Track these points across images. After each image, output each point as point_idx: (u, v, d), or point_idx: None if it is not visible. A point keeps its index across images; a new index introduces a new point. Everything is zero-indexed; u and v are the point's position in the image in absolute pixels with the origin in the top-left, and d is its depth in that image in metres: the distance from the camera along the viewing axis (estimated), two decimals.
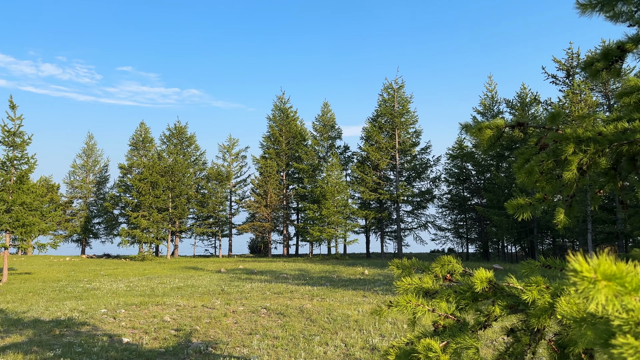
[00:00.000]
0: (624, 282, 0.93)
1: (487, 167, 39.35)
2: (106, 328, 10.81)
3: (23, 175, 25.18)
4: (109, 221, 49.96)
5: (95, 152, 53.71)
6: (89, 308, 13.51)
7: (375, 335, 9.71)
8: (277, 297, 15.28)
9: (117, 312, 12.66)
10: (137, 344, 9.31)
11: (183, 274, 25.16)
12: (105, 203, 47.74)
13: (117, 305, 13.98)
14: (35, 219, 25.34)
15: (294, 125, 48.66)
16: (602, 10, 2.42)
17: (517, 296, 2.24)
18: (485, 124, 2.97)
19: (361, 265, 29.66)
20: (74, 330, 10.63)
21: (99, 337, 9.79)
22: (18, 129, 24.98)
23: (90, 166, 52.81)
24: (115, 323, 11.33)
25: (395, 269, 2.77)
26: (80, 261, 38.20)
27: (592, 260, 0.92)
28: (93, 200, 51.90)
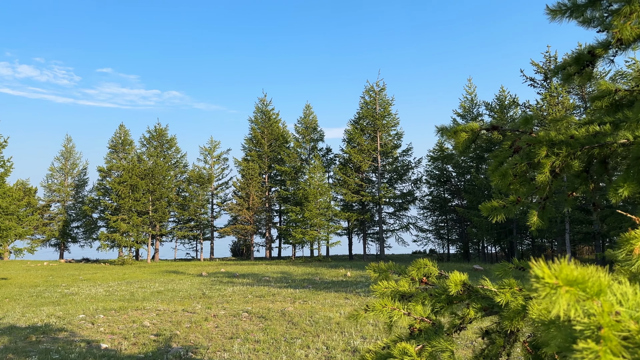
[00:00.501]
0: (585, 287, 0.94)
1: (467, 169, 39.80)
2: (84, 334, 10.63)
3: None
4: (88, 225, 49.16)
5: (74, 154, 52.83)
6: (66, 314, 13.27)
7: (357, 337, 9.72)
8: (259, 301, 15.20)
9: (96, 318, 12.46)
10: (115, 349, 9.17)
11: (164, 278, 24.89)
12: (84, 206, 46.98)
13: (95, 310, 13.75)
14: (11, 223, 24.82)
15: (276, 128, 48.57)
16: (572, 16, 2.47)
17: (491, 298, 2.26)
18: (461, 127, 3.00)
19: (344, 267, 29.71)
20: (51, 336, 10.42)
21: (76, 343, 9.61)
22: None
23: (69, 169, 51.93)
24: (94, 329, 11.14)
25: (372, 272, 2.78)
26: (59, 266, 37.52)
27: (554, 266, 0.93)
28: (71, 203, 51.02)
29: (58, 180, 51.31)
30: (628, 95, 3.04)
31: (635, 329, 0.97)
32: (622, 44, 2.47)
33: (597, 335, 0.91)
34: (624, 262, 1.90)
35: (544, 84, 33.29)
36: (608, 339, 0.90)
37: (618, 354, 0.89)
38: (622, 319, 0.99)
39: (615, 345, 0.90)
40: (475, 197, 35.53)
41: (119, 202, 41.67)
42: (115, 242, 41.91)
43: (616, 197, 2.46)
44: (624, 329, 0.98)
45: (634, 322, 0.99)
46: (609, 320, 0.93)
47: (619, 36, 2.34)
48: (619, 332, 0.96)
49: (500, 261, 3.68)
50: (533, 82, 34.12)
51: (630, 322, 0.98)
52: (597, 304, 0.95)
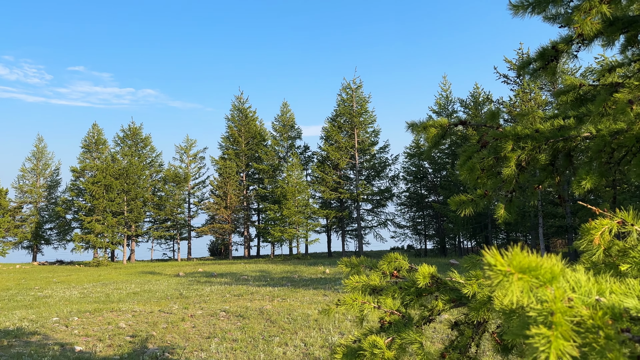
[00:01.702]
0: (538, 275, 0.96)
1: (443, 165, 40.27)
2: (58, 337, 10.42)
3: None
4: (62, 226, 48.11)
5: (46, 155, 51.60)
6: (39, 317, 12.98)
7: (335, 333, 9.76)
8: (237, 300, 15.13)
9: (70, 320, 12.22)
10: (90, 352, 9.01)
11: (140, 279, 24.56)
12: (57, 208, 45.96)
13: (69, 312, 13.49)
14: None
15: (253, 126, 48.30)
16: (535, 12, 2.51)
17: (459, 290, 2.30)
18: (430, 122, 3.04)
19: (322, 264, 29.77)
20: (23, 340, 10.19)
21: (49, 347, 9.42)
22: None
23: (41, 170, 50.71)
24: (68, 331, 10.93)
25: (344, 267, 2.79)
26: (32, 268, 36.67)
27: (507, 254, 0.95)
28: (44, 205, 49.86)
29: (30, 181, 50.07)
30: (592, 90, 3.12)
31: (586, 314, 1.00)
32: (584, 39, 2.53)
33: (549, 321, 0.93)
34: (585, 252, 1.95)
35: (517, 81, 33.87)
36: (559, 324, 0.92)
37: (569, 339, 0.91)
38: (574, 305, 1.02)
39: (566, 330, 0.92)
40: (451, 193, 35.97)
41: (93, 203, 40.91)
42: (89, 244, 41.16)
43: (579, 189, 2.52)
44: (576, 314, 1.01)
45: (585, 307, 1.02)
46: (561, 306, 0.96)
47: (579, 31, 2.39)
48: (571, 318, 0.98)
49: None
50: (506, 79, 34.68)
51: (582, 307, 1.01)
52: (549, 291, 0.98)
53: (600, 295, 1.07)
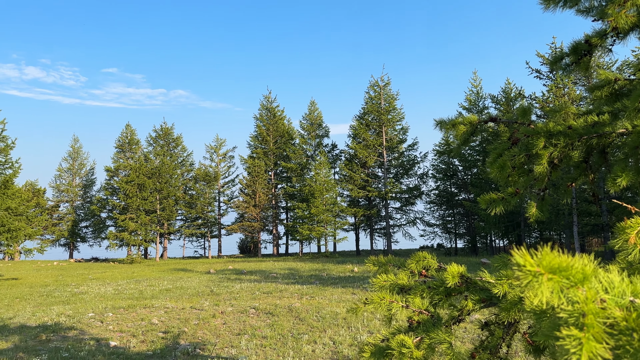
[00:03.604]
0: (569, 275, 0.95)
1: (474, 162, 39.62)
2: (93, 332, 10.73)
3: (7, 180, 24.87)
4: (97, 224, 49.49)
5: (81, 155, 53.16)
6: (76, 312, 13.39)
7: (364, 331, 9.74)
8: (266, 297, 15.26)
9: (105, 316, 12.57)
10: (124, 347, 9.25)
11: (172, 276, 25.04)
12: (92, 206, 47.29)
13: (104, 308, 13.87)
14: (21, 223, 25.04)
15: (281, 125, 48.57)
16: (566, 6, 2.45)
17: (489, 290, 2.27)
18: (459, 119, 3.00)
19: (351, 262, 29.73)
20: (60, 335, 10.53)
21: (86, 342, 9.71)
22: (1, 133, 24.66)
23: (77, 169, 52.27)
24: (103, 327, 11.25)
25: (372, 266, 2.79)
26: (68, 265, 37.84)
27: (536, 254, 0.94)
28: (80, 203, 51.38)
29: (66, 181, 51.68)
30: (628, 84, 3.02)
31: (620, 316, 0.98)
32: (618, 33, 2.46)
33: (580, 323, 0.92)
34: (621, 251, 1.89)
35: (550, 76, 33.03)
36: (591, 326, 0.91)
37: (601, 341, 0.89)
38: (607, 306, 0.99)
39: (598, 331, 0.90)
40: (482, 191, 35.37)
41: (126, 202, 41.91)
42: (123, 241, 42.19)
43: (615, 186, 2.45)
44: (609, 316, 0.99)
45: (619, 309, 0.99)
46: (593, 307, 0.94)
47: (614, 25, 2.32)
48: (604, 319, 0.96)
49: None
50: (539, 74, 33.86)
51: (615, 309, 0.99)
52: (581, 292, 0.96)
53: (634, 296, 1.04)
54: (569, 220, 29.16)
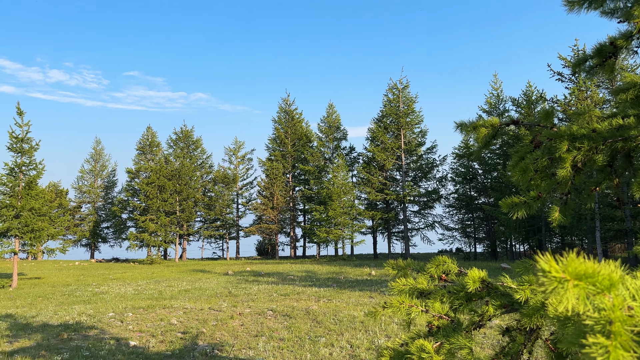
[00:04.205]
0: (595, 282, 0.93)
1: (494, 166, 39.18)
2: (113, 332, 10.88)
3: (31, 181, 25.39)
4: (118, 225, 50.26)
5: (103, 157, 54.09)
6: (97, 312, 13.60)
7: (381, 335, 9.69)
8: (284, 299, 15.29)
9: (125, 316, 12.73)
10: (143, 347, 9.36)
11: (191, 277, 25.26)
12: (114, 207, 48.03)
13: (124, 308, 14.05)
14: (44, 224, 25.54)
15: (299, 127, 48.73)
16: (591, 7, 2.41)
17: (510, 295, 2.23)
18: (480, 122, 2.97)
19: (368, 266, 29.62)
20: (81, 334, 10.70)
21: (106, 341, 9.85)
22: (26, 135, 25.20)
23: (98, 171, 53.18)
24: (123, 326, 11.39)
25: (390, 269, 2.77)
26: (89, 265, 38.47)
27: (561, 259, 0.92)
28: (101, 204, 52.25)
29: (88, 182, 52.61)
30: None
31: None
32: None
33: (607, 330, 0.90)
34: None
35: (572, 78, 32.51)
36: (619, 334, 0.88)
37: (629, 349, 0.87)
38: (635, 314, 0.97)
39: (626, 340, 0.88)
40: (502, 195, 34.93)
41: (147, 203, 42.47)
42: (144, 242, 42.74)
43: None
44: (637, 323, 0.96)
45: None
46: (620, 314, 0.92)
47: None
48: (632, 327, 0.94)
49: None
50: (561, 77, 33.35)
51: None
52: (608, 299, 0.94)
53: None
54: (591, 226, 28.61)
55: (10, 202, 24.51)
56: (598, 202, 26.84)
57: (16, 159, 25.19)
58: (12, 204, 24.51)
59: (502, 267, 24.77)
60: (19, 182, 25.19)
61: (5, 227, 24.18)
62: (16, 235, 24.69)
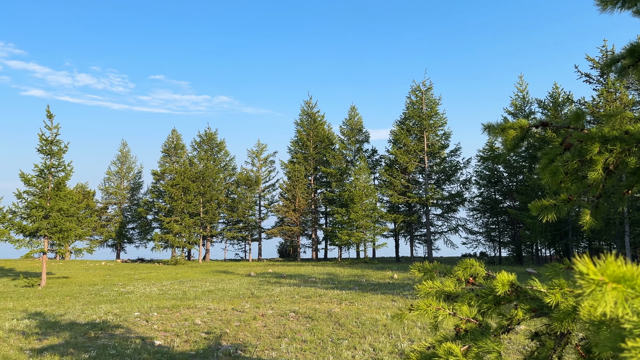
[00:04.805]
0: (635, 285, 0.91)
1: (520, 168, 38.53)
2: (139, 331, 11.06)
3: (60, 182, 26.03)
4: (143, 226, 51.09)
5: (129, 159, 55.06)
6: (122, 311, 13.84)
7: (404, 339, 9.62)
8: (306, 301, 15.31)
9: (150, 315, 12.93)
10: (168, 346, 9.48)
11: (214, 278, 25.51)
12: (139, 208, 48.84)
13: (149, 308, 14.27)
14: (72, 224, 26.14)
15: (321, 130, 48.81)
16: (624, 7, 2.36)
17: (540, 299, 2.20)
18: (509, 124, 2.93)
19: (390, 269, 29.44)
20: (108, 332, 10.91)
21: (132, 340, 10.01)
22: (55, 137, 25.85)
23: (125, 173, 54.15)
24: (148, 326, 11.57)
25: (417, 272, 2.76)
26: (115, 265, 39.17)
27: (600, 262, 0.91)
28: (127, 205, 53.18)
29: (115, 184, 53.62)
30: None
31: None
32: None
33: None
34: None
35: (600, 80, 31.79)
36: None
37: None
38: None
39: None
40: (528, 198, 34.34)
41: (171, 204, 43.07)
42: (168, 243, 43.34)
43: None
44: None
45: None
46: None
47: None
48: None
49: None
50: (588, 78, 32.64)
51: None
52: None
53: None
54: (620, 230, 27.89)
55: (39, 202, 25.17)
56: (628, 206, 26.16)
57: (46, 161, 25.84)
58: (42, 204, 25.15)
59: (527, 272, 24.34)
60: (48, 184, 25.84)
61: (35, 227, 24.83)
62: (45, 235, 25.32)
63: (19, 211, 25.65)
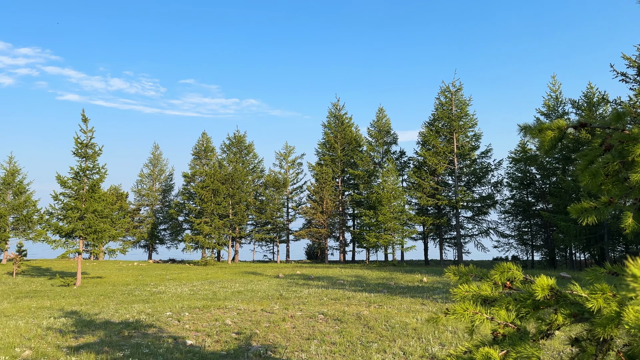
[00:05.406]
0: None
1: (553, 170, 37.63)
2: (171, 330, 11.25)
3: (95, 184, 26.75)
4: (174, 227, 52.03)
5: (161, 161, 56.17)
6: (155, 311, 14.11)
7: (435, 344, 9.51)
8: (334, 303, 15.30)
9: (182, 315, 13.15)
10: (200, 346, 9.62)
11: (243, 279, 25.76)
12: (170, 210, 49.76)
13: (181, 308, 14.51)
14: (106, 225, 26.82)
15: (348, 132, 48.78)
16: None
17: (581, 304, 2.15)
18: (546, 124, 2.87)
19: (419, 272, 29.16)
20: (141, 332, 11.14)
21: (164, 339, 10.20)
22: (90, 141, 26.59)
23: (157, 175, 55.27)
24: (180, 326, 11.77)
25: (452, 275, 2.73)
26: (147, 266, 39.98)
27: None
28: (159, 207, 54.25)
29: (147, 186, 54.79)
30: None
31: None
32: None
33: None
34: None
35: (638, 79, 30.78)
36: None
37: None
38: None
39: None
40: (561, 201, 33.51)
41: (202, 206, 43.73)
42: (198, 244, 44.02)
43: None
44: None
45: None
46: None
47: None
48: None
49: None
50: (625, 77, 31.64)
51: None
52: None
53: None
54: None
55: (75, 204, 25.92)
56: None
57: (81, 164, 26.60)
58: (77, 206, 25.90)
59: (561, 276, 23.74)
60: (83, 186, 26.59)
61: (71, 228, 25.58)
62: (80, 236, 26.06)
63: (56, 212, 26.49)
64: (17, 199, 45.98)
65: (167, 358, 8.66)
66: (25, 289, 22.92)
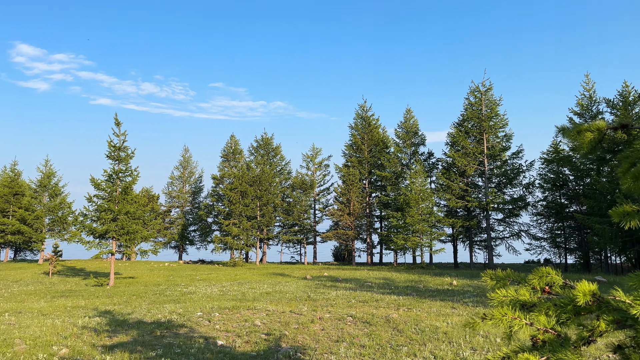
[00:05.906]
0: None
1: (587, 171, 36.61)
2: (202, 330, 11.41)
3: (127, 186, 27.38)
4: (203, 229, 52.76)
5: (191, 164, 57.07)
6: (186, 311, 14.34)
7: (466, 348, 9.37)
8: (363, 306, 15.25)
9: (212, 316, 13.32)
10: (230, 346, 9.73)
11: (271, 280, 25.92)
12: (200, 212, 50.50)
13: (211, 308, 14.70)
14: (138, 226, 27.40)
15: (376, 133, 48.56)
16: None
17: (624, 310, 2.09)
18: (585, 126, 2.80)
19: (449, 275, 28.78)
20: (173, 331, 11.33)
21: (195, 339, 10.35)
22: (122, 144, 27.22)
23: (187, 177, 56.18)
24: (210, 326, 11.92)
25: (488, 280, 2.69)
26: (178, 266, 40.64)
27: None
28: (189, 209, 55.11)
29: (177, 188, 55.75)
30: None
31: None
32: None
33: None
34: None
35: None
36: None
37: None
38: None
39: None
40: (596, 203, 32.56)
41: (230, 208, 44.23)
42: (227, 245, 44.53)
43: None
44: None
45: None
46: None
47: None
48: None
49: (626, 273, 3.30)
50: None
51: None
52: None
53: None
54: None
55: (108, 206, 26.57)
56: None
57: (114, 166, 27.26)
58: (110, 207, 26.54)
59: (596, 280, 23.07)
60: (116, 188, 27.23)
61: (104, 229, 26.23)
62: (113, 237, 26.69)
63: (90, 214, 27.20)
64: (52, 201, 47.43)
65: (199, 358, 8.78)
66: (61, 289, 23.60)
